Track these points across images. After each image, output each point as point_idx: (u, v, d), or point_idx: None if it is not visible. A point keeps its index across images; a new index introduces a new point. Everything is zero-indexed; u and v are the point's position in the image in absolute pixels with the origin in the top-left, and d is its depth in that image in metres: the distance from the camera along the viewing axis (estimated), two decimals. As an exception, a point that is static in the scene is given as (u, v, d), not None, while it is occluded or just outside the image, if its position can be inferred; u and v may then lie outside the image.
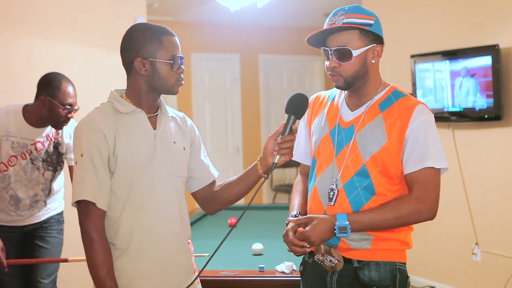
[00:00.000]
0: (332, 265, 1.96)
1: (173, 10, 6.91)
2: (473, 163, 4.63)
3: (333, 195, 1.95)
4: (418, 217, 1.90)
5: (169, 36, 1.92)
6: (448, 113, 4.65)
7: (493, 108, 4.31)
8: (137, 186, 1.89)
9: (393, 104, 1.95)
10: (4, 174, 3.01)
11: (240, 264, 2.76)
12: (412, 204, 1.88)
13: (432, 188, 1.89)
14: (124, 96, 1.96)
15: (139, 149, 1.90)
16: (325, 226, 1.87)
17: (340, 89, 2.01)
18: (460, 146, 4.69)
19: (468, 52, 4.46)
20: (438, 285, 4.97)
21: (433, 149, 1.89)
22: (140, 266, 1.90)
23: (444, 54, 4.66)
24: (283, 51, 8.15)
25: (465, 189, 4.67)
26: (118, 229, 1.89)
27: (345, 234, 1.86)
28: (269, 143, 1.93)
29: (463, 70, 4.50)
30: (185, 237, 2.02)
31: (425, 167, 1.88)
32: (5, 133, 2.97)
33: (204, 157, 2.15)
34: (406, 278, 1.97)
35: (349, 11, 1.92)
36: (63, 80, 2.98)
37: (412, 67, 4.92)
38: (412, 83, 4.90)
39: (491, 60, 4.27)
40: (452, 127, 4.71)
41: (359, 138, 1.95)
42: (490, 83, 4.30)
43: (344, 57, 1.91)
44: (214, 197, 2.13)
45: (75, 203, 1.86)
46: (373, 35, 1.94)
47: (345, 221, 1.86)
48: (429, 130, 1.90)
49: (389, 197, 1.92)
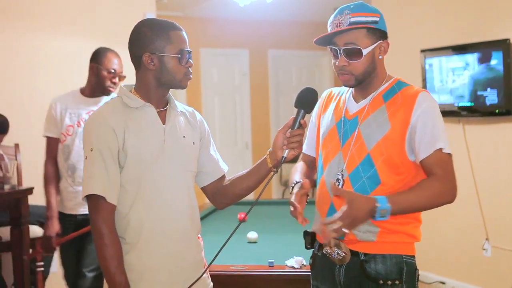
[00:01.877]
0: (339, 258, 1.96)
1: (182, 5, 6.91)
2: (483, 158, 4.61)
3: (338, 185, 1.95)
4: (444, 199, 1.89)
5: (177, 31, 1.92)
6: (458, 108, 4.62)
7: (503, 103, 4.28)
8: (146, 180, 1.89)
9: (397, 93, 1.97)
10: (64, 145, 3.36)
11: (249, 259, 2.76)
12: (441, 184, 1.87)
13: (451, 169, 1.91)
14: (133, 91, 1.97)
15: (148, 144, 1.90)
16: (368, 207, 1.79)
17: (350, 87, 2.03)
18: (470, 141, 4.66)
19: (478, 46, 4.44)
20: (448, 280, 4.96)
21: (441, 133, 1.91)
22: (150, 260, 1.90)
23: (454, 49, 4.64)
24: (292, 46, 8.12)
25: (475, 184, 4.65)
26: (128, 223, 1.89)
27: (384, 218, 1.81)
28: (278, 137, 1.93)
29: (473, 65, 4.47)
30: (195, 232, 2.02)
31: (437, 149, 1.88)
32: (64, 107, 3.36)
33: (213, 152, 2.14)
34: (414, 271, 1.96)
35: (354, 10, 1.93)
36: (109, 51, 3.37)
37: (422, 62, 4.89)
38: (422, 78, 4.88)
39: (501, 54, 4.25)
40: (463, 122, 4.69)
41: (363, 128, 1.96)
42: (501, 77, 4.27)
43: (353, 56, 1.93)
44: (223, 191, 2.12)
45: (85, 198, 1.87)
46: (379, 32, 1.96)
47: (387, 203, 1.80)
48: (435, 115, 1.92)
49: (395, 187, 1.91)
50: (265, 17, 7.53)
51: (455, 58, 4.62)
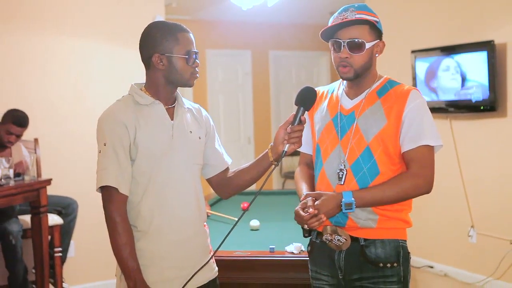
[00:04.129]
0: (340, 244, 1.96)
1: (189, 9, 6.89)
2: (469, 151, 4.61)
3: (342, 175, 1.96)
4: (416, 191, 1.91)
5: (184, 33, 1.91)
6: (446, 104, 4.61)
7: (488, 100, 4.27)
8: (156, 173, 1.89)
9: (389, 90, 1.98)
10: None
11: (252, 245, 2.75)
12: (411, 180, 1.89)
13: (428, 164, 1.91)
14: (143, 89, 1.96)
15: (158, 139, 1.89)
16: (332, 202, 1.88)
17: (348, 80, 2.01)
18: (457, 135, 4.66)
19: (465, 47, 4.43)
20: (435, 264, 4.96)
21: (428, 128, 1.91)
22: (160, 247, 1.90)
23: (443, 50, 4.62)
24: (292, 47, 8.10)
25: (462, 176, 4.64)
26: (139, 213, 1.89)
27: (351, 210, 1.88)
28: (279, 133, 1.92)
29: (461, 65, 4.46)
30: (201, 220, 2.02)
31: (421, 145, 1.90)
32: None
33: (218, 146, 2.14)
34: (408, 254, 1.98)
35: (359, 8, 1.95)
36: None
37: (413, 62, 4.88)
38: (413, 77, 4.87)
39: (486, 55, 4.24)
40: (450, 117, 4.68)
41: (361, 122, 1.97)
42: (486, 76, 4.26)
43: (356, 49, 1.93)
44: (227, 182, 2.12)
45: (99, 189, 1.86)
46: (379, 32, 1.98)
47: (351, 198, 1.87)
48: (423, 111, 1.93)
49: (392, 176, 1.93)
50: (266, 20, 7.51)
51: (443, 58, 4.61)
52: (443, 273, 4.86)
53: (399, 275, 1.94)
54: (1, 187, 3.42)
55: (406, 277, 1.96)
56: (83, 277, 4.67)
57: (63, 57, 4.67)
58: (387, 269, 1.92)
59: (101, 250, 4.52)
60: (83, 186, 4.53)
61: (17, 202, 3.64)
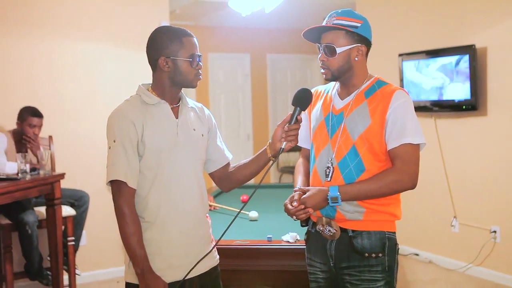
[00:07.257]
0: (331, 234, 1.96)
1: (192, 16, 6.87)
2: (452, 148, 4.61)
3: (329, 172, 1.95)
4: (400, 187, 1.89)
5: (189, 37, 1.90)
6: (431, 104, 4.61)
7: (469, 100, 4.28)
8: (162, 167, 1.88)
9: (377, 91, 1.95)
10: None
11: (251, 235, 2.75)
12: (394, 175, 1.87)
13: (412, 161, 1.88)
14: (150, 89, 1.94)
15: (163, 136, 1.88)
16: (319, 196, 1.89)
17: (327, 80, 2.01)
18: (441, 132, 4.66)
19: (448, 51, 4.43)
20: (421, 252, 4.96)
21: (411, 127, 1.88)
22: (166, 236, 1.89)
23: (428, 53, 4.62)
24: (288, 51, 8.10)
25: (445, 170, 4.64)
26: (146, 205, 1.88)
27: (337, 203, 1.88)
28: (277, 131, 1.91)
29: (444, 67, 4.45)
30: (204, 212, 2.01)
31: (404, 143, 1.87)
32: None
33: (220, 142, 2.13)
34: (395, 245, 1.96)
35: (340, 14, 1.93)
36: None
37: (400, 65, 4.87)
38: (400, 79, 4.86)
39: (468, 58, 4.24)
40: (434, 116, 4.67)
41: (348, 122, 1.95)
42: (467, 78, 4.26)
43: (330, 53, 1.93)
44: (228, 177, 2.11)
45: (109, 183, 1.85)
46: (358, 36, 1.93)
47: (336, 192, 1.87)
48: (406, 110, 1.89)
49: (377, 173, 1.91)
50: (264, 26, 7.50)
51: (428, 61, 4.60)
52: (427, 260, 4.86)
53: (384, 265, 1.92)
54: (18, 181, 3.41)
55: (392, 267, 1.94)
56: (94, 264, 4.67)
57: (75, 60, 4.65)
58: (372, 259, 1.91)
59: (111, 239, 4.53)
60: (94, 180, 4.54)
61: (33, 194, 3.63)
